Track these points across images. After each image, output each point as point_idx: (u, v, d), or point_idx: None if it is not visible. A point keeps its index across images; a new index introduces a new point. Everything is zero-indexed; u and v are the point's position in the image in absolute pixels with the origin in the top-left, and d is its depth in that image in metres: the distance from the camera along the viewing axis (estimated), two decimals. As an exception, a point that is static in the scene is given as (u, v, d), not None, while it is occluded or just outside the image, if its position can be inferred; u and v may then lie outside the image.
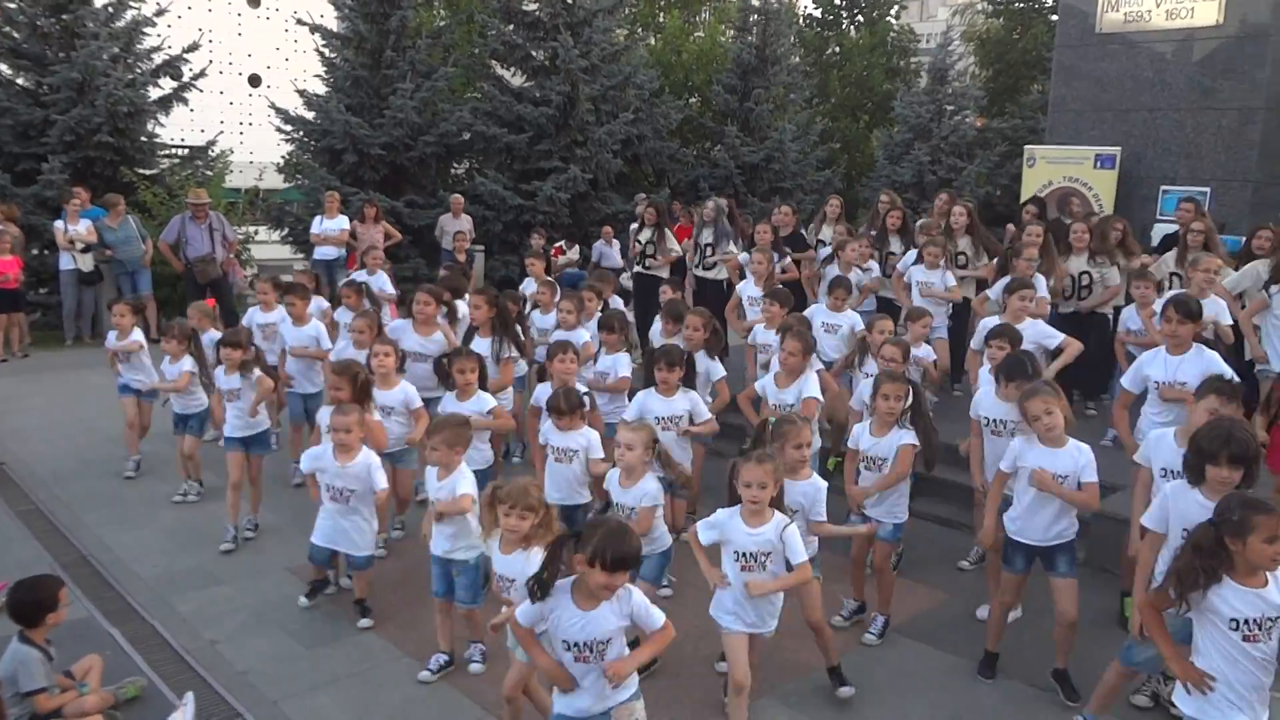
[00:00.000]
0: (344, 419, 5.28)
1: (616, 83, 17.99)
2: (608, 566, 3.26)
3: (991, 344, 5.84)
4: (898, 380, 5.27)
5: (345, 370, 5.79)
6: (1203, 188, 10.19)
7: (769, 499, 4.14)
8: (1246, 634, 3.30)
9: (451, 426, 5.00)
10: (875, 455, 5.29)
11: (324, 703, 4.75)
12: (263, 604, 5.75)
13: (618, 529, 3.36)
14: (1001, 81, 25.56)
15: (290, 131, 17.18)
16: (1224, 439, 3.77)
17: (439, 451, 4.87)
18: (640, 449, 4.76)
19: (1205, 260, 6.58)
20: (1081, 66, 11.24)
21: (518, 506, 4.01)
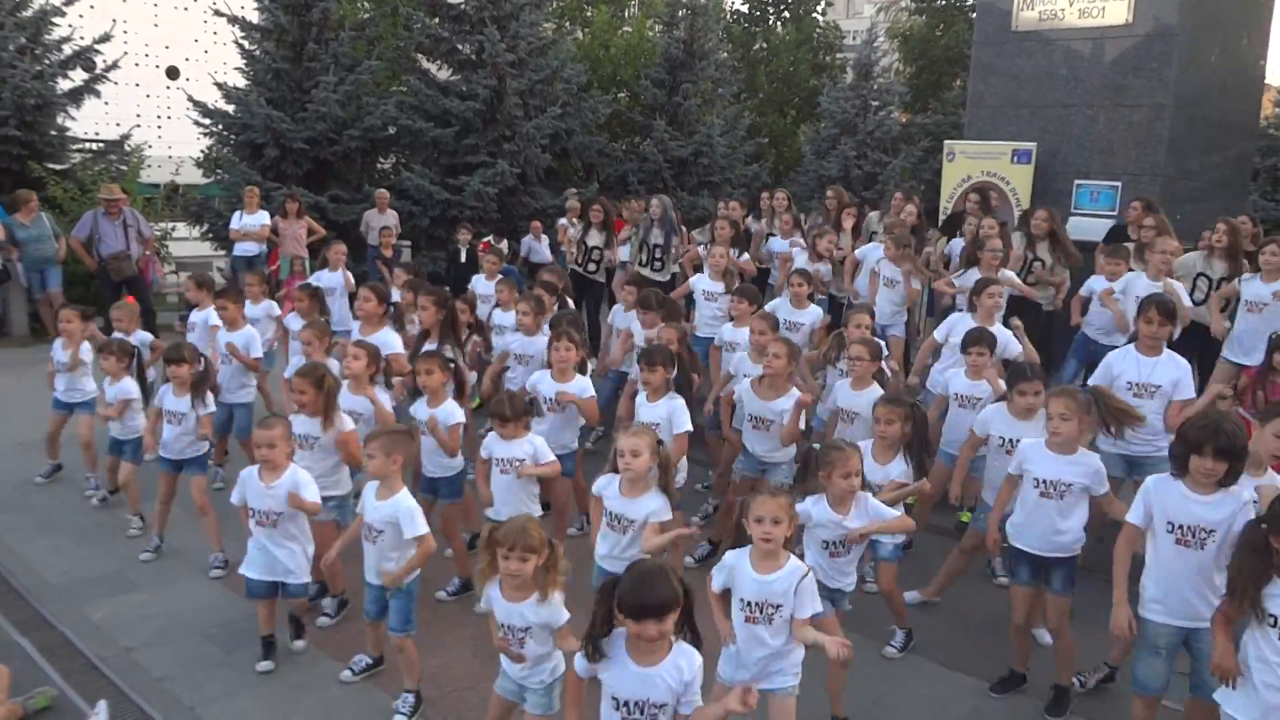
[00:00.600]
0: (267, 433, 4.85)
1: (544, 77, 17.90)
2: (629, 614, 2.99)
3: (971, 351, 5.76)
4: (893, 403, 5.03)
5: (311, 373, 5.41)
6: (1115, 181, 10.50)
7: (783, 538, 3.66)
8: None
9: (391, 433, 4.70)
10: (876, 483, 4.87)
11: (245, 706, 4.66)
12: (180, 609, 5.61)
13: (642, 572, 3.06)
14: (925, 78, 26.01)
15: (209, 125, 16.76)
16: (1212, 430, 3.76)
17: (376, 460, 4.49)
18: (647, 455, 4.30)
19: (1161, 243, 6.82)
20: (998, 63, 11.49)
21: (517, 548, 3.58)
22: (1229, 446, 3.71)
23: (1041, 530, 4.63)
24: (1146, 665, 4.04)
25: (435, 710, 4.63)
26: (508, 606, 3.72)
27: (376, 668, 4.90)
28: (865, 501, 4.29)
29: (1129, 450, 5.43)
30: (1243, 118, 12.22)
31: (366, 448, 4.60)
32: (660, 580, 3.00)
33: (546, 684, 3.83)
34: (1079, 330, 7.51)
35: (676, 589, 3.00)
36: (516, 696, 3.89)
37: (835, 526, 4.28)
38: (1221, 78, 11.28)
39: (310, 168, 16.54)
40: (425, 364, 5.69)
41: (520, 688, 3.86)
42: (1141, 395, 5.33)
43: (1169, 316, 5.32)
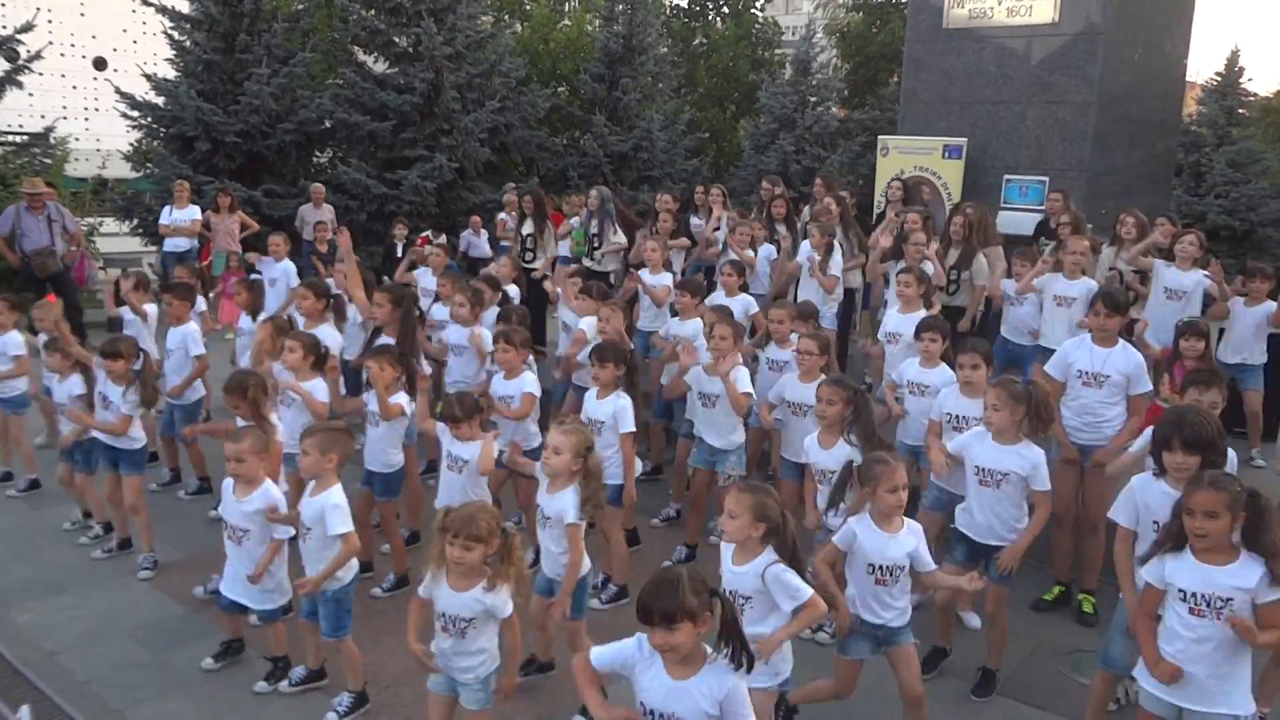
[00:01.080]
0: (235, 446, 4.68)
1: (482, 70, 17.81)
2: (638, 616, 2.86)
3: (923, 338, 5.79)
4: (836, 384, 5.02)
5: (236, 388, 5.35)
6: (1042, 177, 10.73)
7: (740, 531, 3.59)
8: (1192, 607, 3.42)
9: (327, 430, 4.60)
10: (827, 469, 4.90)
11: (174, 708, 4.59)
12: (108, 612, 5.50)
13: (658, 576, 2.90)
14: (862, 74, 26.33)
15: (138, 118, 16.41)
16: (1175, 424, 3.79)
17: (310, 458, 4.41)
18: (568, 454, 4.26)
19: (1073, 243, 6.99)
20: (930, 60, 11.67)
21: (461, 536, 3.53)
22: (1195, 438, 3.73)
23: (981, 517, 4.72)
24: (1121, 646, 4.13)
25: (372, 708, 4.60)
26: (450, 595, 3.67)
27: (317, 680, 4.76)
28: (908, 523, 4.05)
29: (1076, 441, 5.56)
30: (1165, 115, 12.57)
31: (301, 444, 4.53)
32: (668, 588, 2.80)
33: (482, 678, 3.81)
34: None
35: (687, 600, 2.77)
36: (450, 690, 3.85)
37: (882, 546, 3.98)
38: (1145, 76, 11.58)
39: (243, 161, 16.27)
40: (377, 360, 5.68)
41: (453, 682, 3.83)
42: (1091, 384, 5.45)
43: (1116, 308, 5.44)
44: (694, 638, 2.84)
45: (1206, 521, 3.35)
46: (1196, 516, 3.36)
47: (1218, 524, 3.35)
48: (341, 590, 4.52)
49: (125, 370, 5.94)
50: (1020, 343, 7.41)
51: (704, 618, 2.83)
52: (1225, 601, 3.38)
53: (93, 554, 6.24)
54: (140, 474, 6.12)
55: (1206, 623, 3.41)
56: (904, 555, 3.99)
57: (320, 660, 4.78)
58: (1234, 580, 3.38)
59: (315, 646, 4.76)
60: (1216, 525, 3.35)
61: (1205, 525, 3.35)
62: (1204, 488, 3.37)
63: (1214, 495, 3.34)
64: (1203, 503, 3.35)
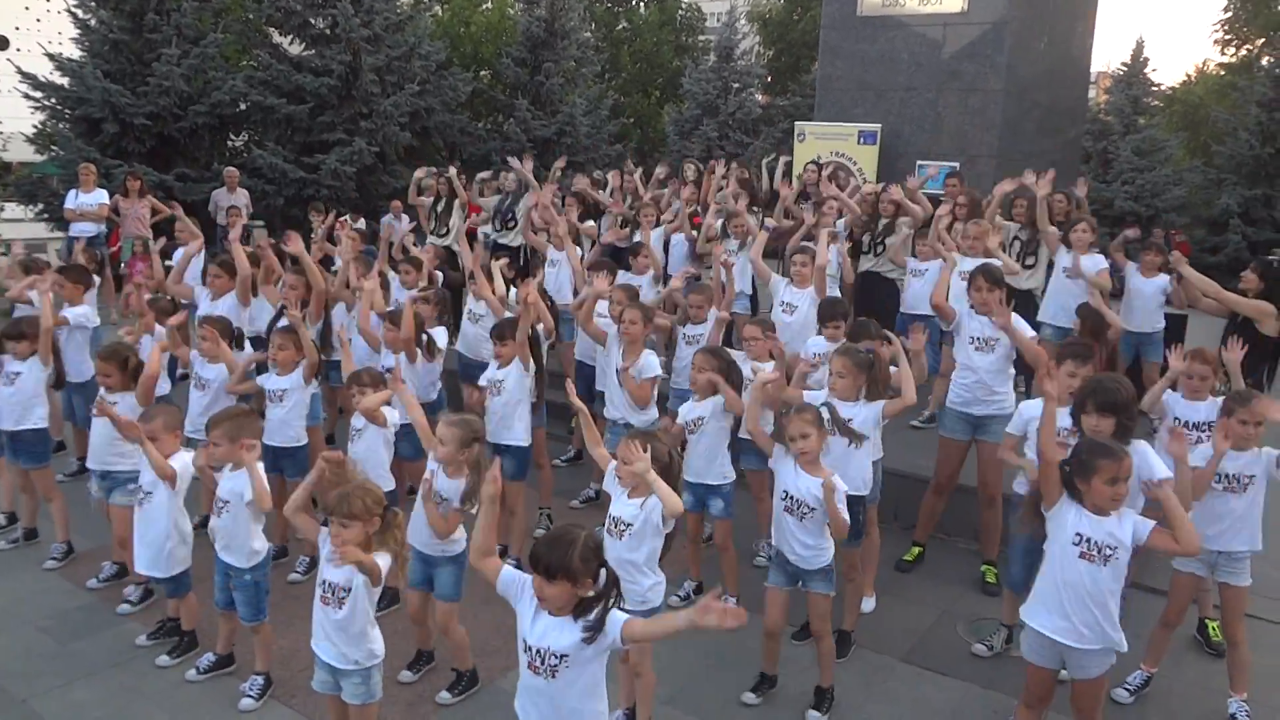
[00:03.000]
0: (148, 427, 4.71)
1: (401, 53, 17.60)
2: (529, 561, 3.02)
3: (828, 326, 5.89)
4: (709, 353, 5.28)
5: (112, 355, 5.44)
6: (952, 162, 11.01)
7: (629, 477, 3.89)
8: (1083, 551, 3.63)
9: (234, 417, 4.56)
10: (691, 418, 5.23)
11: (81, 697, 4.52)
12: (12, 602, 5.38)
13: (557, 532, 3.03)
14: (784, 61, 26.65)
15: (41, 99, 15.86)
16: (1091, 389, 4.07)
17: (222, 448, 4.43)
18: (453, 447, 4.34)
19: (971, 228, 7.25)
20: (845, 47, 11.88)
21: (336, 514, 3.62)
22: (1109, 401, 4.01)
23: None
24: (1020, 567, 4.58)
25: (284, 690, 4.58)
26: (332, 568, 3.72)
27: (224, 667, 4.74)
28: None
29: (970, 411, 5.76)
30: (1072, 103, 12.98)
31: (210, 434, 4.50)
32: (560, 546, 2.93)
33: (364, 668, 3.78)
34: None
35: (573, 562, 2.90)
36: (334, 689, 3.84)
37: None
38: (1052, 65, 11.95)
39: (154, 145, 15.87)
40: (279, 339, 5.76)
41: (335, 679, 3.81)
42: (983, 349, 5.68)
43: (994, 282, 5.65)
44: (569, 596, 2.96)
45: (1121, 486, 3.60)
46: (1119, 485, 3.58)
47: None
48: (259, 573, 4.53)
49: (30, 350, 5.85)
50: (916, 313, 7.60)
51: (584, 583, 2.96)
52: (1113, 549, 3.62)
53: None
54: (44, 466, 5.99)
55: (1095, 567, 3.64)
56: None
57: (228, 647, 4.76)
58: (1117, 529, 3.63)
59: (227, 633, 4.74)
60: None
61: (1120, 490, 3.60)
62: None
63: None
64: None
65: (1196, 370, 4.99)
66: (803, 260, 6.87)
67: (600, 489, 6.89)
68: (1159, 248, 7.68)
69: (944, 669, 4.93)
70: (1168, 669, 4.86)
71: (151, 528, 4.73)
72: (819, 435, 4.33)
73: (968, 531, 6.26)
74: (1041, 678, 3.88)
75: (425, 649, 4.82)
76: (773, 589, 4.54)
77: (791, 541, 4.38)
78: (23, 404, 5.84)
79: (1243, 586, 4.52)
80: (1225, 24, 28.97)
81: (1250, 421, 4.39)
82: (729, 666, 4.85)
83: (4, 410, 5.85)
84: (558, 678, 3.00)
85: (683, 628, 2.88)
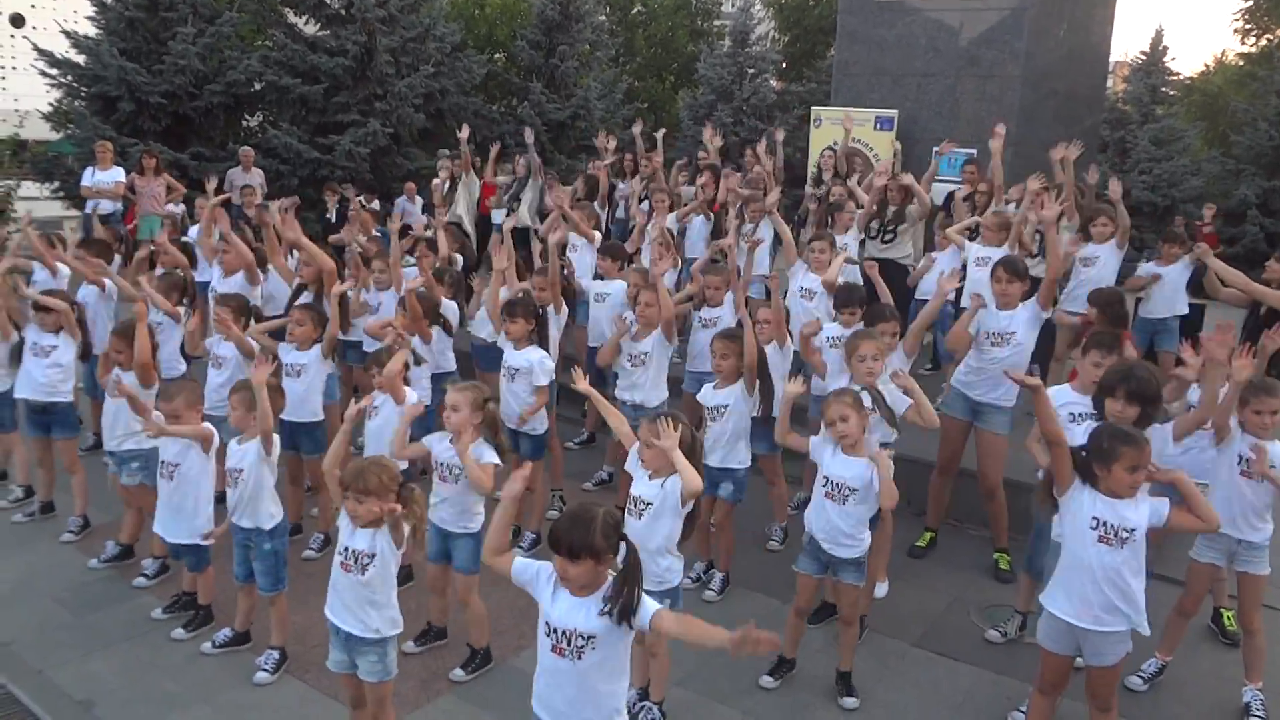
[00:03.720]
0: (168, 405, 4.74)
1: (416, 34, 17.53)
2: (550, 544, 2.99)
3: (843, 312, 5.91)
4: (728, 338, 5.31)
5: (127, 331, 5.44)
6: (970, 149, 10.94)
7: (654, 457, 3.90)
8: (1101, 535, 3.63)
9: (248, 387, 4.55)
10: (718, 405, 5.28)
11: (97, 668, 4.56)
12: (29, 574, 5.43)
13: (575, 511, 2.99)
14: (799, 46, 26.47)
15: (57, 76, 15.86)
16: (1123, 375, 4.04)
17: (237, 413, 4.57)
18: (467, 410, 4.34)
19: (987, 217, 7.32)
20: (863, 32, 11.81)
21: (352, 489, 3.62)
22: (1139, 390, 4.00)
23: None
24: (1042, 556, 4.49)
25: (298, 665, 4.61)
26: (352, 530, 3.71)
27: (241, 644, 4.76)
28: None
29: (969, 393, 5.74)
30: (1089, 91, 12.88)
31: (229, 400, 4.64)
32: (582, 524, 2.91)
33: (383, 638, 3.76)
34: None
35: (595, 540, 2.88)
36: (349, 667, 3.84)
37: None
38: (1070, 52, 11.86)
39: (169, 123, 15.86)
40: (297, 314, 5.82)
41: (350, 658, 3.81)
42: (999, 344, 5.62)
43: (1016, 274, 5.62)
44: (593, 574, 2.95)
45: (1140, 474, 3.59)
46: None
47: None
48: (279, 544, 4.59)
49: (54, 321, 5.90)
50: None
51: (607, 559, 2.95)
52: (1130, 531, 3.61)
53: (13, 518, 6.13)
54: (74, 435, 6.09)
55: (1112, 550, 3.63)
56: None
57: (247, 623, 4.79)
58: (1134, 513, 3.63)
59: (246, 609, 4.76)
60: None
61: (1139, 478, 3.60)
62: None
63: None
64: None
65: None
66: (821, 246, 6.85)
67: (613, 471, 6.91)
68: (1179, 238, 7.59)
69: (957, 654, 4.93)
70: (1182, 658, 4.85)
71: (181, 496, 4.78)
72: (859, 418, 4.32)
73: (979, 518, 6.24)
74: (1057, 664, 3.88)
75: (438, 624, 4.85)
76: (804, 575, 4.55)
77: (830, 529, 4.37)
78: (58, 377, 5.92)
79: (1262, 575, 4.49)
80: (1245, 13, 28.69)
81: (1265, 411, 4.34)
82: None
83: (38, 382, 5.89)
84: (584, 659, 2.97)
85: (713, 647, 2.85)
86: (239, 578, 4.70)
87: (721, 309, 6.41)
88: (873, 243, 8.58)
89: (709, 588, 5.46)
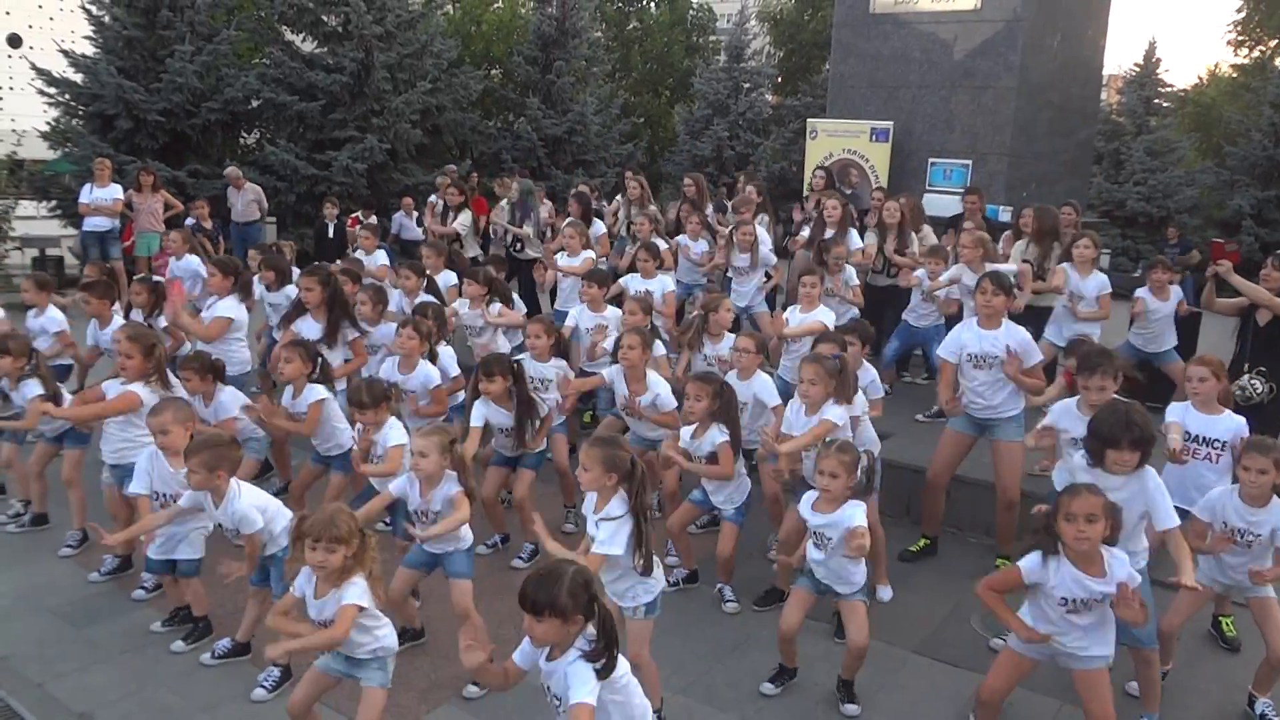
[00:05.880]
0: (156, 420, 4.71)
1: (413, 51, 17.64)
2: (519, 599, 2.94)
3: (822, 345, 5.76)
4: (701, 380, 5.22)
5: (139, 336, 5.37)
6: (965, 160, 11.01)
7: (595, 481, 3.89)
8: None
9: (212, 447, 4.37)
10: (698, 454, 5.24)
11: (96, 681, 4.54)
12: (29, 589, 5.41)
13: (546, 569, 2.98)
14: (794, 61, 26.63)
15: (55, 94, 15.93)
16: (1125, 424, 3.91)
17: (198, 476, 4.30)
18: (435, 456, 4.31)
19: (965, 237, 7.39)
20: (858, 45, 11.87)
21: (323, 539, 3.48)
22: (1141, 438, 3.89)
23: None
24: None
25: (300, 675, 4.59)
26: (316, 602, 3.63)
27: (240, 654, 4.74)
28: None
29: (975, 416, 5.76)
30: (1084, 103, 12.95)
31: (188, 463, 4.36)
32: (547, 582, 2.89)
33: (379, 653, 3.74)
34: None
35: (559, 598, 2.85)
36: (333, 671, 3.79)
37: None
38: (1065, 64, 11.91)
39: (167, 141, 15.94)
40: (286, 352, 5.66)
41: (341, 663, 3.77)
42: (980, 366, 5.61)
43: (1002, 288, 5.61)
44: (560, 633, 2.91)
45: (1088, 525, 3.52)
46: (1078, 521, 3.53)
47: (1096, 528, 3.52)
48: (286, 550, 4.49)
49: (14, 369, 5.71)
50: (922, 326, 7.89)
51: (575, 619, 2.89)
52: (1101, 599, 3.66)
53: (6, 528, 6.14)
54: (82, 448, 5.99)
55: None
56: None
57: (249, 634, 4.76)
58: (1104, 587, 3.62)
59: (252, 618, 4.72)
60: (1095, 529, 3.53)
61: (1086, 529, 3.53)
62: (1082, 493, 3.57)
63: (1094, 500, 3.54)
64: (1083, 508, 3.53)
65: (1195, 373, 4.87)
66: (811, 281, 6.80)
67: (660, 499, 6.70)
68: (1166, 265, 7.53)
69: (957, 661, 4.92)
70: (1182, 664, 4.85)
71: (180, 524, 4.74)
72: (847, 480, 4.29)
73: (980, 526, 6.25)
74: (1016, 669, 3.93)
75: (412, 626, 4.89)
76: (798, 589, 4.53)
77: (828, 574, 4.38)
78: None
79: (1270, 597, 4.40)
80: (1238, 25, 28.89)
81: (1253, 469, 4.26)
82: (744, 655, 4.86)
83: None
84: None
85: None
86: (254, 581, 4.65)
87: (723, 346, 6.41)
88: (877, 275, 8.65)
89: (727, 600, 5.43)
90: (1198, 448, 4.90)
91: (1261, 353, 6.57)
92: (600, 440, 4.03)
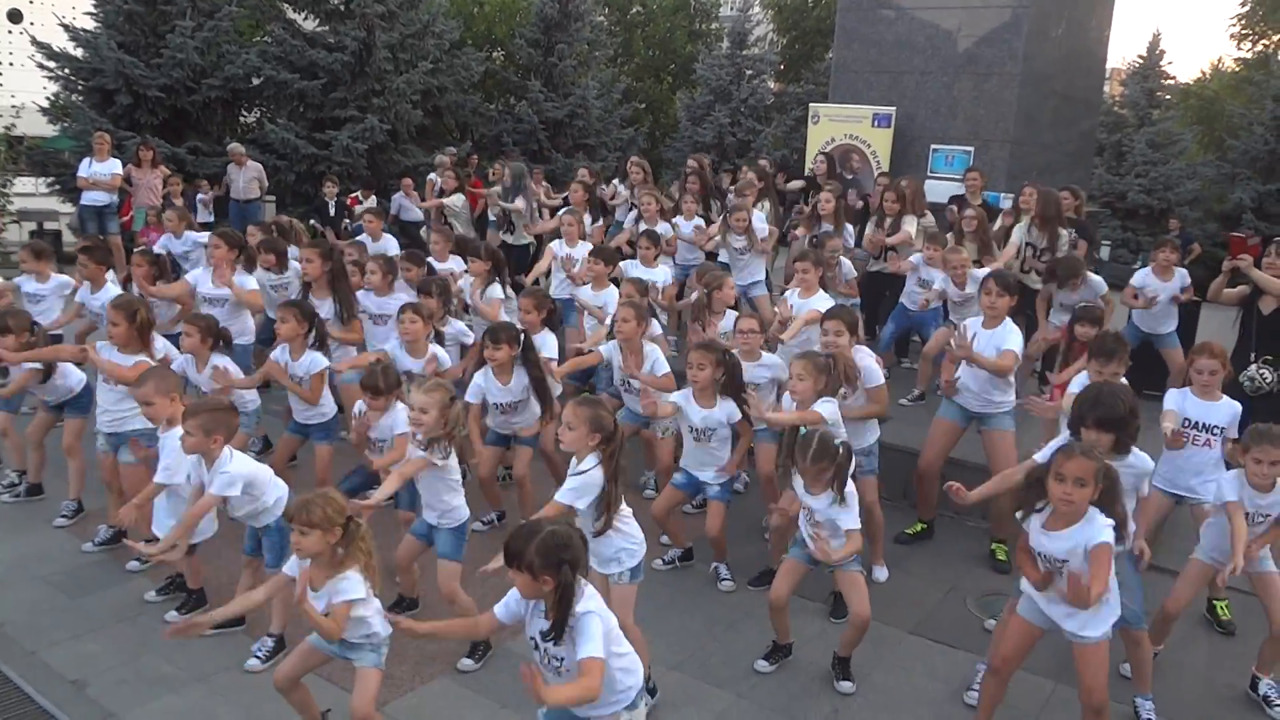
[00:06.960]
0: (139, 391, 4.69)
1: (415, 31, 17.54)
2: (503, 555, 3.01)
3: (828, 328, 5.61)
4: (704, 348, 5.18)
5: (125, 305, 5.36)
6: (967, 146, 10.97)
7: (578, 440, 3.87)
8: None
9: (211, 410, 4.37)
10: (705, 428, 5.19)
11: (91, 649, 4.54)
12: (22, 557, 5.40)
13: (527, 524, 3.06)
14: (797, 48, 26.54)
15: (55, 69, 15.84)
16: (1091, 402, 3.91)
17: (194, 439, 4.25)
18: (435, 412, 4.29)
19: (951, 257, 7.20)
20: (860, 30, 11.81)
21: (297, 521, 3.48)
22: (1108, 416, 3.86)
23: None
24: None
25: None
26: (315, 593, 3.60)
27: (234, 625, 4.68)
28: None
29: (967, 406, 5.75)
30: (1087, 93, 12.90)
31: (185, 424, 4.31)
32: (521, 536, 2.95)
33: (371, 639, 3.72)
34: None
35: (527, 554, 2.89)
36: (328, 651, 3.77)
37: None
38: (1068, 53, 11.87)
39: (166, 117, 15.86)
40: (281, 312, 5.70)
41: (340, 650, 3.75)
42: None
43: (1006, 288, 5.59)
44: (531, 589, 2.96)
45: (1075, 488, 3.48)
46: (1067, 482, 3.49)
47: (1084, 491, 3.48)
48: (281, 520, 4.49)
49: (17, 346, 5.65)
50: (917, 310, 7.76)
51: (543, 577, 2.91)
52: (1063, 562, 3.61)
53: (1, 498, 6.14)
54: (83, 416, 5.94)
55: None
56: None
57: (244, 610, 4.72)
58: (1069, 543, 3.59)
59: (246, 586, 4.67)
60: (1082, 493, 3.48)
61: (1073, 492, 3.48)
62: (1076, 455, 3.52)
63: (1086, 463, 3.48)
64: (1074, 470, 3.48)
65: (1205, 365, 4.85)
66: (804, 267, 6.68)
67: (656, 475, 6.72)
68: (1174, 245, 7.52)
69: (953, 641, 4.93)
70: (1177, 646, 4.86)
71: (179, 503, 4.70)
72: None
73: (976, 510, 6.23)
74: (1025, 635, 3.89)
75: (409, 595, 4.94)
76: (790, 560, 4.51)
77: (816, 544, 4.35)
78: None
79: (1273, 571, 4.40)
80: (1242, 19, 28.79)
81: (1265, 461, 4.22)
82: (739, 632, 4.86)
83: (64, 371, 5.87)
84: (563, 676, 3.01)
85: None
86: (247, 550, 4.67)
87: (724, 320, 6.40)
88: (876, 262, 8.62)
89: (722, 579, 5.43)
90: (1196, 434, 4.91)
91: (1269, 341, 6.55)
92: (586, 400, 4.03)
